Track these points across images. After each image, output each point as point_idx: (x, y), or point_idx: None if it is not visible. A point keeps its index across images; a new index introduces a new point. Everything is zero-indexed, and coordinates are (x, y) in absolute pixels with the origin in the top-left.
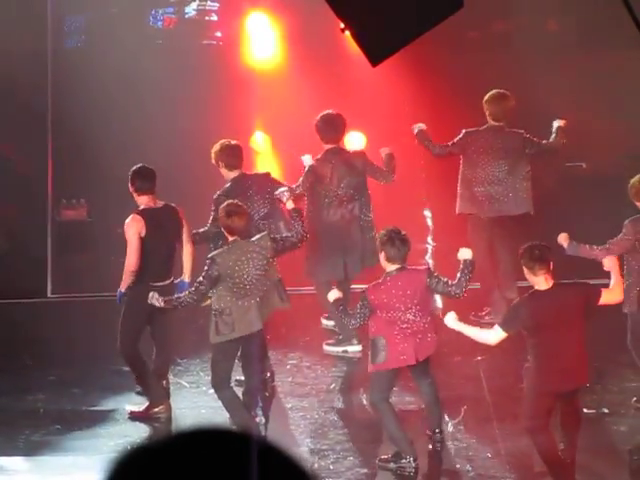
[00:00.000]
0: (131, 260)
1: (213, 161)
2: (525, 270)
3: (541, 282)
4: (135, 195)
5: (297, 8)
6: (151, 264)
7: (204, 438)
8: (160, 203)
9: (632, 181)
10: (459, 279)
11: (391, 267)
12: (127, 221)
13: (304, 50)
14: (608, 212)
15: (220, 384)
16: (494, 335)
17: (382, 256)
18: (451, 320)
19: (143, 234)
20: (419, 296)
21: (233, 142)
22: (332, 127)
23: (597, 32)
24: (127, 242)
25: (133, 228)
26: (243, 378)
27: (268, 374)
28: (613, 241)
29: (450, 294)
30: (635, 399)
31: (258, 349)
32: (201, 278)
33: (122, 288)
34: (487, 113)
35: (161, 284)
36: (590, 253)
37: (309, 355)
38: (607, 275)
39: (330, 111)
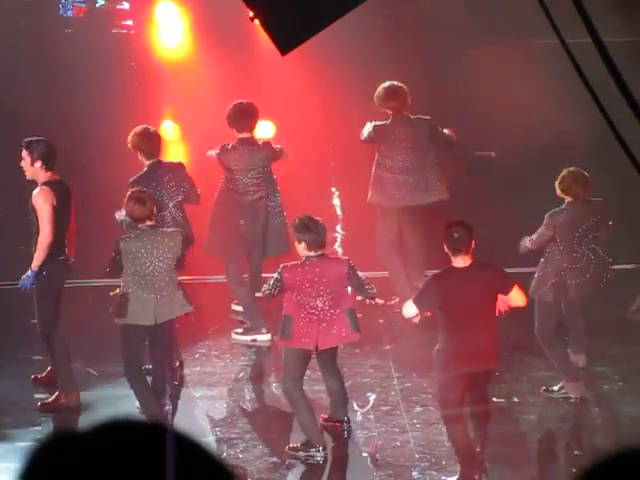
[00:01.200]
0: (47, 231)
1: (130, 145)
2: (445, 247)
3: (458, 261)
4: (42, 170)
5: None
6: (59, 237)
7: (116, 429)
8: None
9: (562, 174)
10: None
11: (310, 253)
12: (36, 192)
13: (213, 39)
14: (515, 200)
15: (130, 372)
16: (407, 310)
17: (302, 246)
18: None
19: (54, 205)
20: (333, 286)
21: (151, 129)
22: (244, 115)
23: (509, 21)
24: (38, 214)
25: (47, 198)
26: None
27: (177, 363)
28: (534, 237)
29: (362, 289)
30: (544, 388)
31: (164, 338)
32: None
33: (35, 267)
34: (387, 108)
35: (63, 258)
36: (525, 249)
37: (218, 344)
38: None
39: (241, 100)
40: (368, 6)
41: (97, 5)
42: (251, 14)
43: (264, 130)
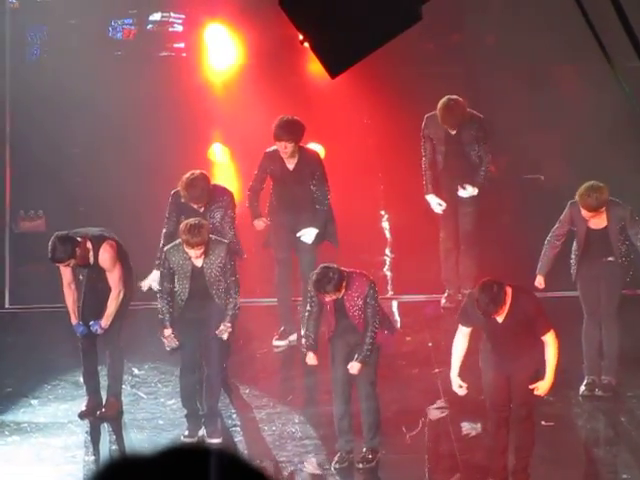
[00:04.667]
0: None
1: None
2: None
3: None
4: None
5: (256, 20)
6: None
7: (169, 457)
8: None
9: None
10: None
11: None
12: (106, 249)
13: (263, 62)
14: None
15: None
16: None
17: None
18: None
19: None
20: None
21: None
22: None
23: (555, 45)
24: (110, 271)
25: (115, 254)
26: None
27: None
28: None
29: None
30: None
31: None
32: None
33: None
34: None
35: None
36: None
37: (266, 366)
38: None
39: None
40: (416, 30)
41: (148, 26)
42: (301, 37)
43: None
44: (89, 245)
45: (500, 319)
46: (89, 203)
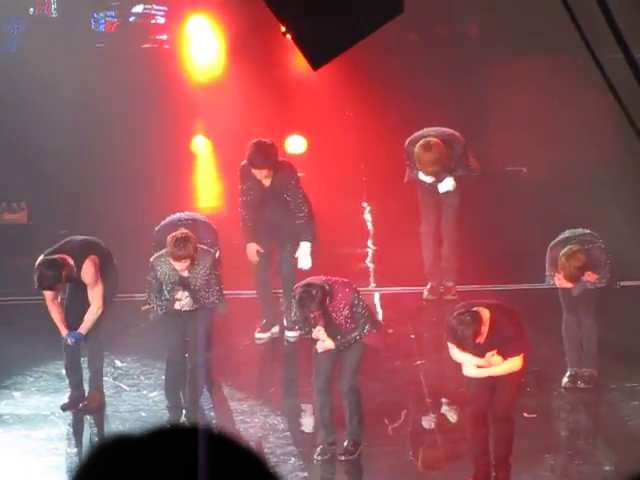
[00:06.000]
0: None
1: None
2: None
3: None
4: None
5: (238, 12)
6: None
7: (154, 436)
8: None
9: (561, 252)
10: None
11: None
12: (88, 265)
13: (246, 54)
14: (547, 215)
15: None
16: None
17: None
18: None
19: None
20: None
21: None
22: None
23: (537, 37)
24: (92, 287)
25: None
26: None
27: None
28: None
29: None
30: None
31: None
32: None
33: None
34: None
35: None
36: None
37: (249, 358)
38: None
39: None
40: (399, 21)
41: (130, 19)
42: (283, 29)
43: (296, 145)
44: (71, 262)
45: (480, 340)
46: (72, 195)
